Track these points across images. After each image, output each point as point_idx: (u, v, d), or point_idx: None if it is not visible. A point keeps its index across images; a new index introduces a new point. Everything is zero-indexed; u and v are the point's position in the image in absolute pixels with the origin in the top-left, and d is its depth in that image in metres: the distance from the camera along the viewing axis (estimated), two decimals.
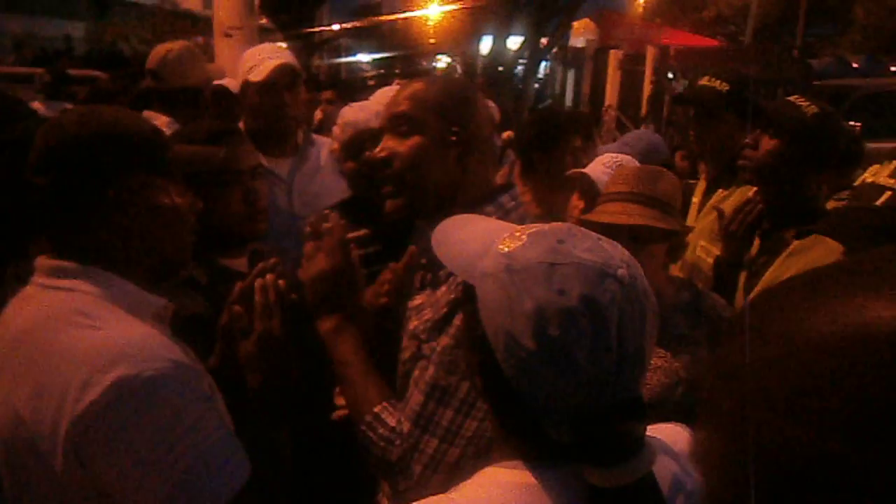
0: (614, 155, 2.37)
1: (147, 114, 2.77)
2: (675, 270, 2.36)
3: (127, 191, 1.20)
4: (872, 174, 2.25)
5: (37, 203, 1.20)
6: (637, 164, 2.43)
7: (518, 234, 0.90)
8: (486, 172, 1.43)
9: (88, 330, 1.10)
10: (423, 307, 1.37)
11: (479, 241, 0.94)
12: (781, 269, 2.01)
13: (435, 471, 1.26)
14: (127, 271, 1.21)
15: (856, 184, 1.19)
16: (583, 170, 2.28)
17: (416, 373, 1.32)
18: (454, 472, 1.21)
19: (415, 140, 1.38)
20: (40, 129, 1.22)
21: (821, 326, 0.43)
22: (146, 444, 1.05)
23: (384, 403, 1.33)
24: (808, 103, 2.07)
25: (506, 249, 0.88)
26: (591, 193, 2.28)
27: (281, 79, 2.42)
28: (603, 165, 2.32)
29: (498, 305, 0.86)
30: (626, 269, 0.85)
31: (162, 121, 2.61)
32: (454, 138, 1.36)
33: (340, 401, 1.58)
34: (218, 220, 1.65)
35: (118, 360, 1.05)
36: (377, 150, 1.42)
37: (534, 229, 0.91)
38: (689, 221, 2.65)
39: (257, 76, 2.42)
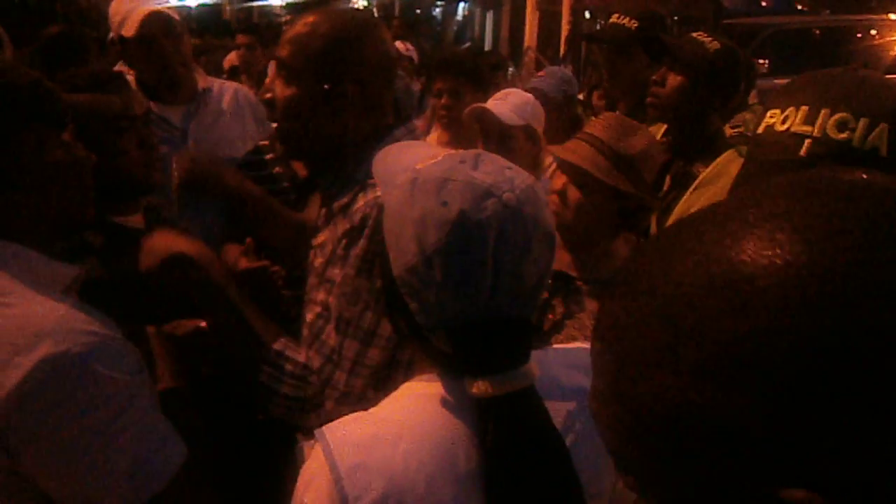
0: (515, 91, 2.44)
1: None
2: None
3: (26, 148, 1.09)
4: (780, 121, 2.27)
5: None
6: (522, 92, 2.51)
7: (437, 155, 0.97)
8: (375, 117, 1.39)
9: (1, 308, 1.01)
10: (325, 244, 1.36)
11: (409, 160, 0.99)
12: (689, 202, 2.05)
13: (344, 404, 1.26)
14: (28, 238, 1.10)
15: (759, 131, 1.19)
16: (483, 104, 2.33)
17: (318, 298, 1.32)
18: (360, 404, 1.22)
19: (291, 90, 1.36)
20: None
21: (685, 274, 0.42)
22: (81, 425, 0.98)
23: (282, 340, 1.33)
24: (710, 39, 2.09)
25: (419, 167, 0.94)
26: (490, 128, 2.36)
27: (155, 29, 2.28)
28: (503, 101, 2.39)
29: (394, 213, 0.94)
30: (515, 193, 0.90)
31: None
32: (328, 89, 1.34)
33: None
34: (113, 171, 1.54)
35: (41, 339, 0.97)
36: (263, 89, 1.42)
37: (450, 152, 0.98)
38: None
39: (129, 31, 2.28)
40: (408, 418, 0.92)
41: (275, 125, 1.65)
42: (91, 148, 1.24)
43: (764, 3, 9.96)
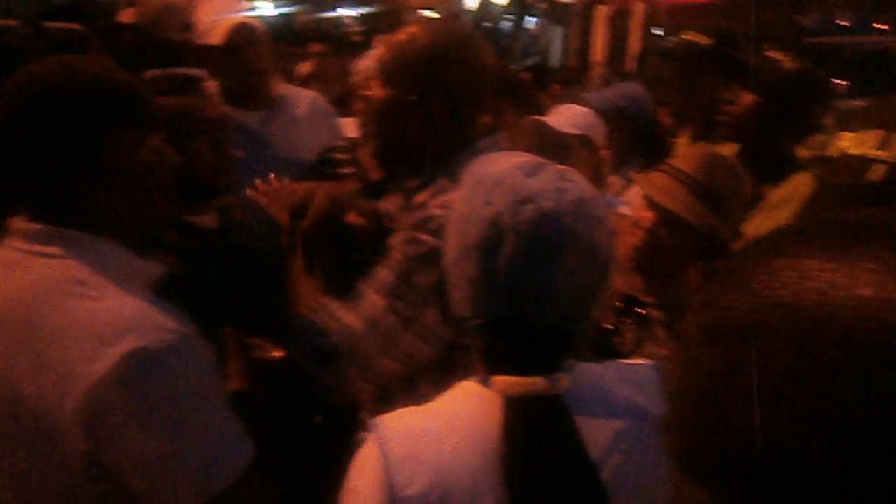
0: (573, 106, 2.45)
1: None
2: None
3: (119, 150, 1.12)
4: (854, 144, 2.23)
5: (14, 165, 1.12)
6: (584, 109, 2.48)
7: (517, 160, 1.00)
8: (461, 131, 1.43)
9: (89, 301, 1.04)
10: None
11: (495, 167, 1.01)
12: (757, 224, 2.01)
13: (366, 380, 1.32)
14: (117, 235, 1.14)
15: (831, 154, 1.15)
16: (542, 118, 2.35)
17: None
18: (384, 386, 1.31)
19: (385, 92, 1.43)
20: (9, 82, 1.12)
21: (820, 312, 0.38)
22: (158, 418, 1.01)
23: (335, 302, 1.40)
24: (787, 58, 2.05)
25: (489, 169, 0.98)
26: (546, 139, 2.36)
27: (240, 38, 2.38)
28: (560, 114, 2.39)
29: (453, 209, 0.99)
30: (558, 203, 0.91)
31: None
32: (417, 99, 1.39)
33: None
34: (185, 173, 1.61)
35: (124, 333, 1.01)
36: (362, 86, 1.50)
37: (525, 158, 1.01)
38: None
39: (216, 40, 2.37)
40: (458, 415, 0.95)
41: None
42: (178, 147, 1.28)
43: (842, 23, 9.68)
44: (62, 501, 1.07)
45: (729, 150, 2.32)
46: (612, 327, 1.60)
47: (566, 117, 2.44)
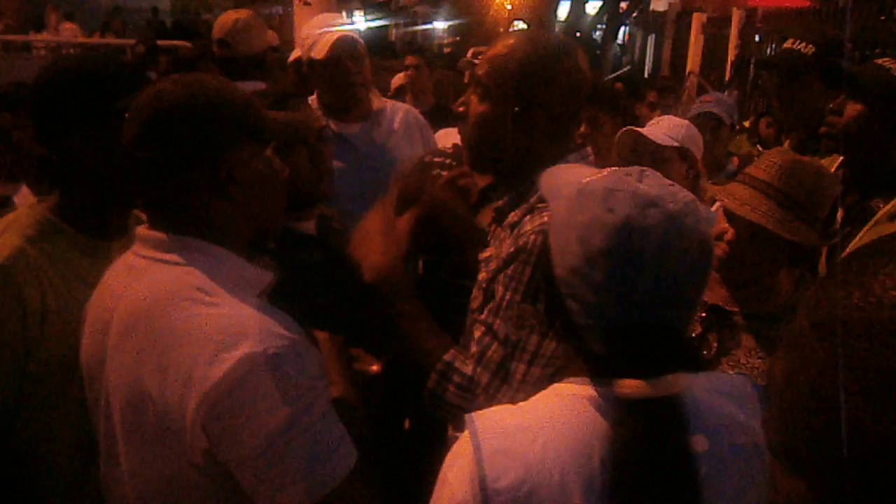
0: (669, 117, 2.42)
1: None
2: None
3: (237, 162, 1.18)
4: None
5: (140, 176, 1.19)
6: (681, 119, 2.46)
7: (600, 171, 1.02)
8: (561, 142, 1.44)
9: (209, 307, 1.11)
10: (491, 260, 1.43)
11: (574, 177, 1.04)
12: (867, 240, 1.93)
13: None
14: (233, 244, 1.21)
15: None
16: (638, 129, 2.33)
17: (485, 318, 1.37)
18: None
19: (483, 107, 1.44)
20: (139, 100, 1.19)
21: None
22: (271, 420, 1.06)
23: (453, 351, 1.40)
24: (895, 65, 1.96)
25: (585, 180, 1.00)
26: (642, 150, 2.34)
27: (342, 52, 2.46)
28: (657, 125, 2.36)
29: (560, 221, 1.00)
30: (678, 205, 0.94)
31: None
32: (517, 111, 1.40)
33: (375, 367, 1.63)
34: (286, 182, 1.69)
35: (242, 338, 1.06)
36: (459, 101, 1.50)
37: (615, 168, 1.02)
38: None
39: (319, 53, 2.46)
40: (551, 413, 0.97)
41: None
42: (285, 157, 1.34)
43: None
44: (182, 494, 1.14)
45: (831, 162, 2.25)
46: (697, 336, 1.58)
47: (663, 129, 2.42)
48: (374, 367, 1.54)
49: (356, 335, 1.55)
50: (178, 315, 1.11)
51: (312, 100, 2.52)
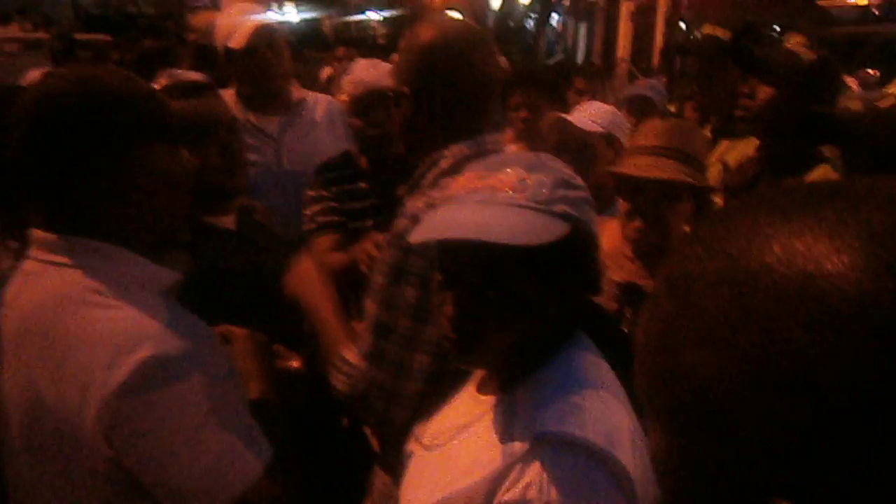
0: (594, 102, 2.44)
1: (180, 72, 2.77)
2: None
3: (140, 164, 1.11)
4: None
5: (26, 179, 1.11)
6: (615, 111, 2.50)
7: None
8: (463, 130, 1.44)
9: (106, 309, 1.05)
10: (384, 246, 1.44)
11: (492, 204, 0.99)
12: None
13: (398, 405, 1.33)
14: (134, 243, 1.14)
15: None
16: (564, 115, 2.33)
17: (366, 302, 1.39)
18: (415, 407, 1.31)
19: (395, 87, 1.47)
20: (26, 97, 1.10)
21: (773, 259, 0.40)
22: (175, 424, 1.03)
23: (350, 344, 1.40)
24: (805, 49, 2.02)
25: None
26: (569, 136, 2.36)
27: (261, 41, 2.40)
28: (582, 111, 2.38)
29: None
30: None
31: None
32: (418, 95, 1.42)
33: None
34: (196, 175, 1.63)
35: (142, 340, 1.01)
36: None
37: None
38: None
39: (237, 43, 2.39)
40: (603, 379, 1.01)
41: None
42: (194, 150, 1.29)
43: (875, 11, 9.47)
44: (86, 502, 1.09)
45: (750, 144, 2.30)
46: (615, 312, 1.61)
47: (589, 114, 2.43)
48: (295, 364, 1.51)
49: (276, 331, 1.52)
50: (72, 320, 1.05)
51: (230, 92, 2.45)
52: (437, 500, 0.99)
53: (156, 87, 1.64)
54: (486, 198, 0.97)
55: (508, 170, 0.99)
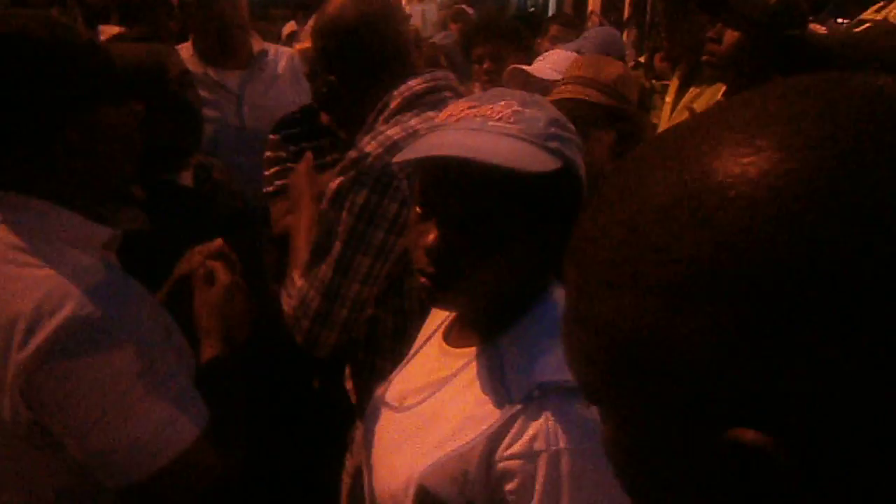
0: (554, 52, 2.44)
1: (102, 27, 2.69)
2: None
3: (78, 126, 1.06)
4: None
5: None
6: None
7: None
8: (377, 86, 1.50)
9: (28, 268, 1.01)
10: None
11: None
12: None
13: (326, 328, 1.38)
14: (71, 200, 1.09)
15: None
16: (523, 66, 2.33)
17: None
18: (344, 333, 1.38)
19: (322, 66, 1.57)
20: None
21: (657, 184, 0.38)
22: (97, 391, 0.99)
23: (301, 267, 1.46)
24: None
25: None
26: (531, 87, 2.32)
27: None
28: (541, 62, 2.37)
29: None
30: None
31: (111, 31, 2.53)
32: (339, 63, 1.52)
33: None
34: (148, 130, 1.57)
35: (65, 300, 0.97)
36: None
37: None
38: (663, 122, 2.62)
39: None
40: None
41: None
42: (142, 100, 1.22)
43: None
44: (17, 469, 1.07)
45: (718, 90, 2.28)
46: None
47: (551, 63, 2.40)
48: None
49: None
50: None
51: (187, 46, 2.37)
52: (429, 463, 0.93)
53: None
54: (477, 125, 0.91)
55: (502, 102, 0.94)
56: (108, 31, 2.67)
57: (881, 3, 1.15)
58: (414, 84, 1.46)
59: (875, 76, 0.37)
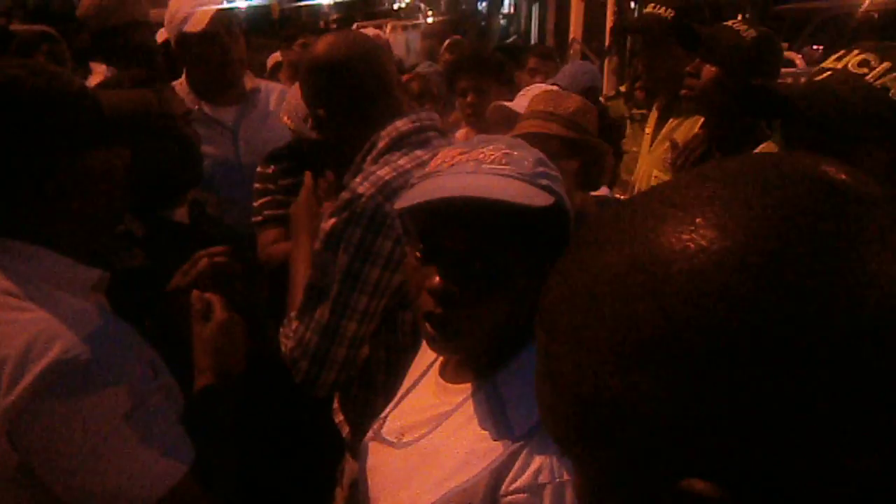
0: (534, 86, 2.49)
1: (92, 65, 2.72)
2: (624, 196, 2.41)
3: (70, 171, 1.09)
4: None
5: None
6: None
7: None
8: (373, 126, 1.55)
9: (16, 312, 1.03)
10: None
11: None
12: None
13: (321, 368, 1.41)
14: (58, 242, 1.11)
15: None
16: (505, 103, 2.38)
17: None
18: (343, 371, 1.40)
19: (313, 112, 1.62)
20: None
21: (612, 254, 0.42)
22: (79, 434, 1.00)
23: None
24: (746, 27, 2.06)
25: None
26: (514, 124, 2.40)
27: (220, 25, 2.37)
28: (522, 97, 2.42)
29: None
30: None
31: (100, 69, 2.56)
32: (325, 110, 1.57)
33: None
34: (150, 169, 1.61)
35: (51, 343, 0.99)
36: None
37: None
38: (643, 152, 2.68)
39: (195, 26, 2.36)
40: None
41: None
42: (129, 145, 1.23)
43: None
44: None
45: (697, 122, 2.35)
46: None
47: (530, 99, 2.45)
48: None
49: None
50: None
51: (180, 83, 2.42)
52: (434, 500, 0.94)
53: (95, 79, 1.62)
54: (472, 169, 0.96)
55: (490, 146, 0.99)
56: (97, 68, 2.69)
57: (842, 52, 1.23)
58: (400, 125, 1.51)
59: (815, 158, 0.42)
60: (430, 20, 11.23)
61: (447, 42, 5.41)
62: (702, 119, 2.29)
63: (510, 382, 0.98)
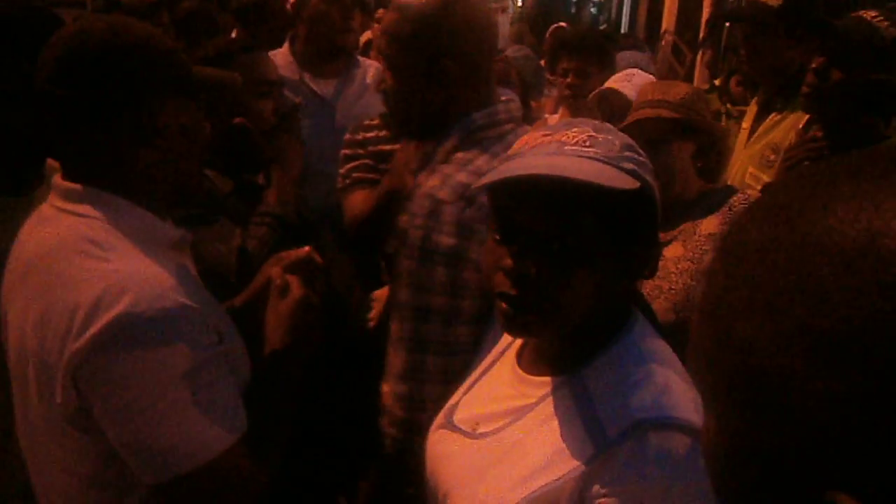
0: (630, 71, 2.46)
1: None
2: None
3: (163, 110, 1.14)
4: None
5: (56, 120, 1.13)
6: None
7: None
8: (478, 86, 1.49)
9: (97, 261, 1.06)
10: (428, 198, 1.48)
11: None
12: None
13: (419, 410, 1.41)
14: (145, 197, 1.16)
15: None
16: (610, 86, 2.39)
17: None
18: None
19: (395, 79, 1.52)
20: (59, 34, 1.12)
21: (845, 229, 0.37)
22: (138, 386, 1.03)
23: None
24: (884, 21, 1.81)
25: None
26: (617, 107, 2.39)
27: None
28: (617, 81, 2.38)
29: None
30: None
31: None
32: (426, 68, 1.46)
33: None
34: (244, 134, 1.65)
35: (123, 295, 1.02)
36: (378, 79, 1.60)
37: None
38: (738, 148, 2.58)
39: None
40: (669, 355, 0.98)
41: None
42: (214, 117, 1.30)
43: None
44: (64, 449, 1.12)
45: (799, 118, 2.23)
46: None
47: (634, 85, 2.42)
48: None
49: None
50: (65, 267, 1.07)
51: (283, 51, 2.47)
52: (521, 498, 0.92)
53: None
54: (554, 150, 0.93)
55: (575, 129, 0.96)
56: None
57: None
58: (478, 117, 1.47)
59: None
60: (520, 3, 11.14)
61: (552, 27, 5.36)
62: (805, 117, 2.18)
63: (598, 378, 0.95)
